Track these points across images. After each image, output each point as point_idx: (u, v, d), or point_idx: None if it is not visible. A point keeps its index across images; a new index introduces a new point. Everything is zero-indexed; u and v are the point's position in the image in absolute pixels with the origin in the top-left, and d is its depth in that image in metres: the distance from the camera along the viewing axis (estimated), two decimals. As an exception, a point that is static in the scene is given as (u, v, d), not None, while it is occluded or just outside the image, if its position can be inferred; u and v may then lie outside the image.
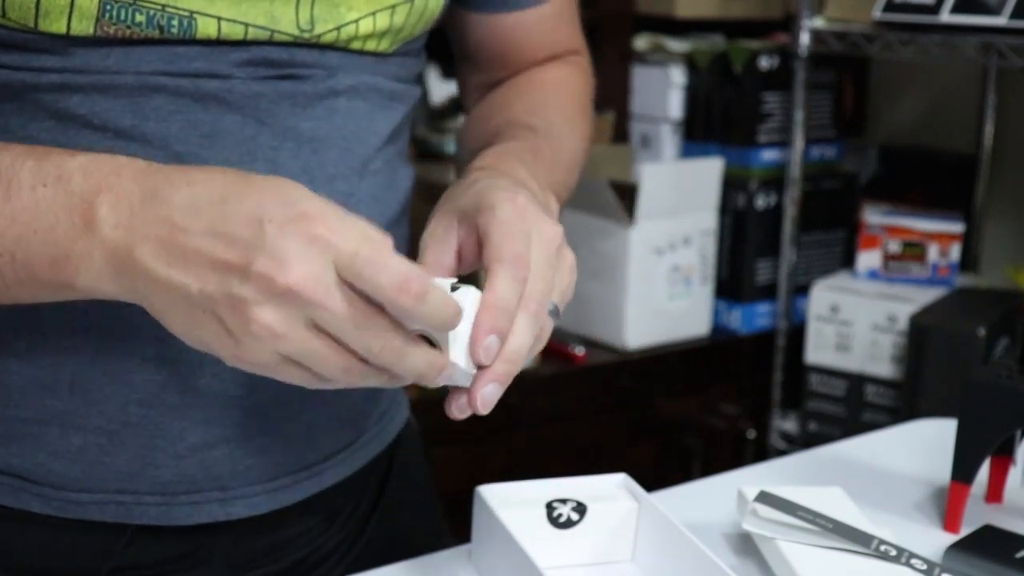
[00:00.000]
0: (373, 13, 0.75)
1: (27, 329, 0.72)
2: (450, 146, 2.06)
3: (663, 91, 2.18)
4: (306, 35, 0.73)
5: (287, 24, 0.72)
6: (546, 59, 0.95)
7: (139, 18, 0.68)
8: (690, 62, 2.16)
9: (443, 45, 0.95)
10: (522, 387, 1.86)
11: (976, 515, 0.86)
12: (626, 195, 1.96)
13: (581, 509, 0.77)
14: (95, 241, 0.61)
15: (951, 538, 0.82)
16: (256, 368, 0.61)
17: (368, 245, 0.58)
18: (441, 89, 2.15)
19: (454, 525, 0.93)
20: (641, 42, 2.23)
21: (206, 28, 0.70)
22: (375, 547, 0.88)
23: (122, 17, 0.68)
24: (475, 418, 0.67)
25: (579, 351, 1.94)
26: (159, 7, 0.68)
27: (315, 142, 0.75)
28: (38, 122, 0.70)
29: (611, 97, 2.19)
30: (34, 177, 0.62)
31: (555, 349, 1.93)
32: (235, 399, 0.75)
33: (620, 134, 2.21)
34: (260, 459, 0.78)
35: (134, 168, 0.62)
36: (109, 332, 0.72)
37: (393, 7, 0.76)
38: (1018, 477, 0.89)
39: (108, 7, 0.67)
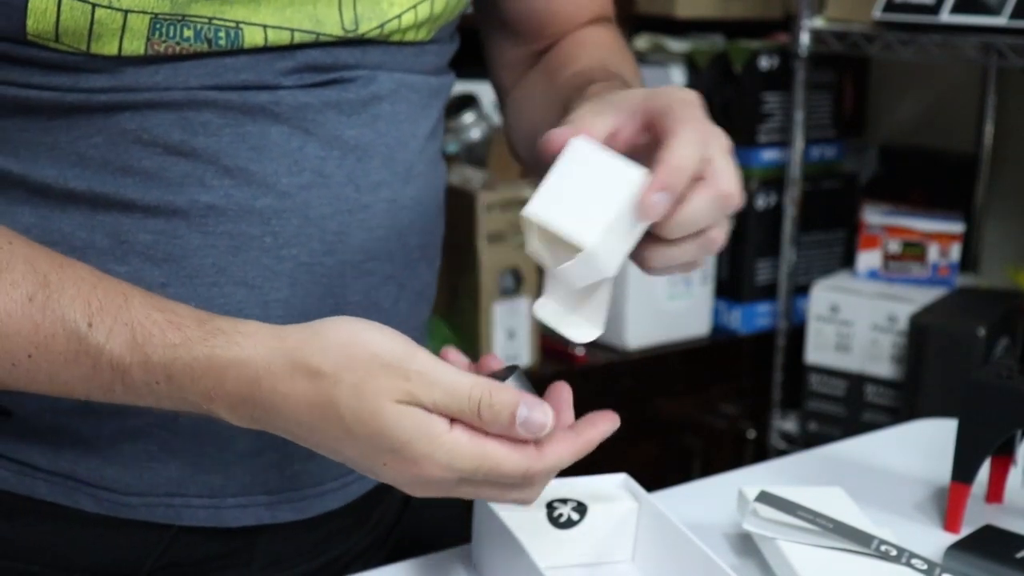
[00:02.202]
0: (414, 6, 0.76)
1: None
2: (451, 146, 2.06)
3: (663, 91, 2.18)
4: (350, 35, 0.74)
5: (332, 26, 0.73)
6: (580, 25, 0.94)
7: (187, 33, 0.68)
8: (690, 62, 2.16)
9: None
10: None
11: (976, 515, 0.86)
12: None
13: (581, 509, 0.77)
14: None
15: (951, 538, 0.82)
16: None
17: (483, 463, 0.62)
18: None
19: (454, 525, 0.93)
20: (641, 42, 2.23)
21: (253, 37, 0.70)
22: (402, 547, 0.89)
23: (171, 34, 0.68)
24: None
25: (579, 351, 1.94)
26: (206, 19, 0.69)
27: (359, 150, 0.75)
28: (87, 138, 0.70)
29: (611, 97, 2.19)
30: (146, 374, 0.64)
31: (555, 349, 1.93)
32: None
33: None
34: (307, 465, 0.79)
35: (235, 385, 0.64)
36: None
37: None
38: (1018, 477, 0.89)
39: (158, 25, 0.67)
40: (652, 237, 0.66)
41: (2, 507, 0.76)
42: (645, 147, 0.67)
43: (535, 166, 0.82)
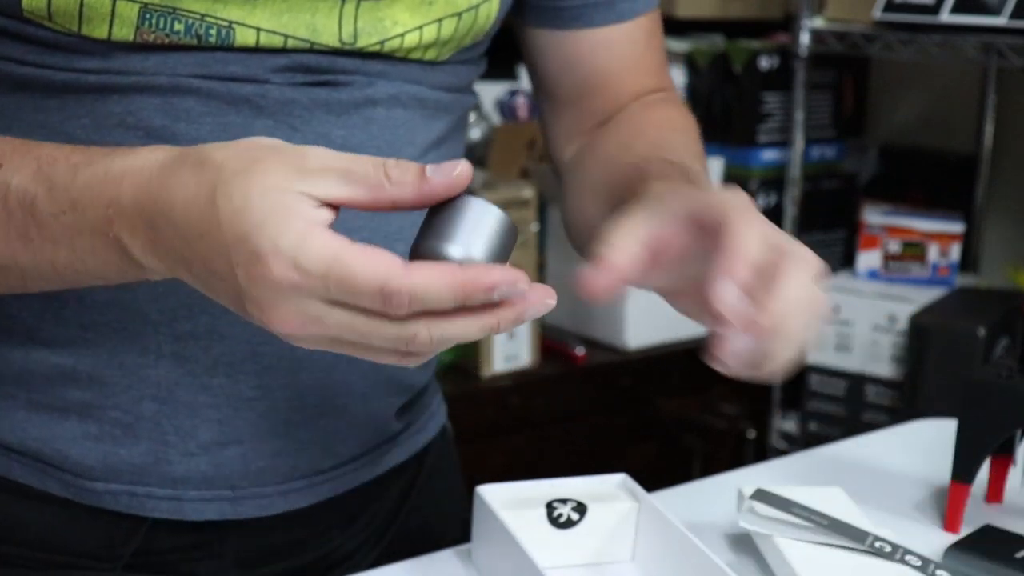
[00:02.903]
0: (420, 27, 0.74)
1: (50, 320, 0.74)
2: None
3: (663, 91, 2.18)
4: (347, 47, 0.73)
5: (329, 37, 0.72)
6: (638, 94, 0.88)
7: (177, 26, 0.69)
8: (690, 62, 2.16)
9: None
10: (522, 387, 1.86)
11: (976, 515, 0.86)
12: (626, 195, 1.96)
13: (581, 509, 0.77)
14: (138, 266, 0.62)
15: (951, 538, 0.82)
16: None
17: (334, 265, 0.54)
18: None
19: (454, 525, 0.93)
20: (641, 42, 2.23)
21: (244, 38, 0.70)
22: (397, 549, 0.88)
23: (161, 25, 0.68)
24: (475, 418, 0.66)
25: (579, 351, 1.94)
26: (198, 16, 0.69)
27: (346, 150, 0.74)
28: (76, 119, 0.71)
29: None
30: (51, 204, 0.62)
31: (555, 349, 1.93)
32: (249, 401, 0.75)
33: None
34: (273, 461, 0.78)
35: (131, 191, 0.61)
36: (127, 328, 0.73)
37: (440, 20, 0.75)
38: (1018, 477, 0.89)
39: (147, 16, 0.68)
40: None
41: None
42: (701, 254, 0.62)
43: (587, 258, 0.79)
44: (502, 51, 0.90)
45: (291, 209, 0.55)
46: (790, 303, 0.59)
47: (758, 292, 0.59)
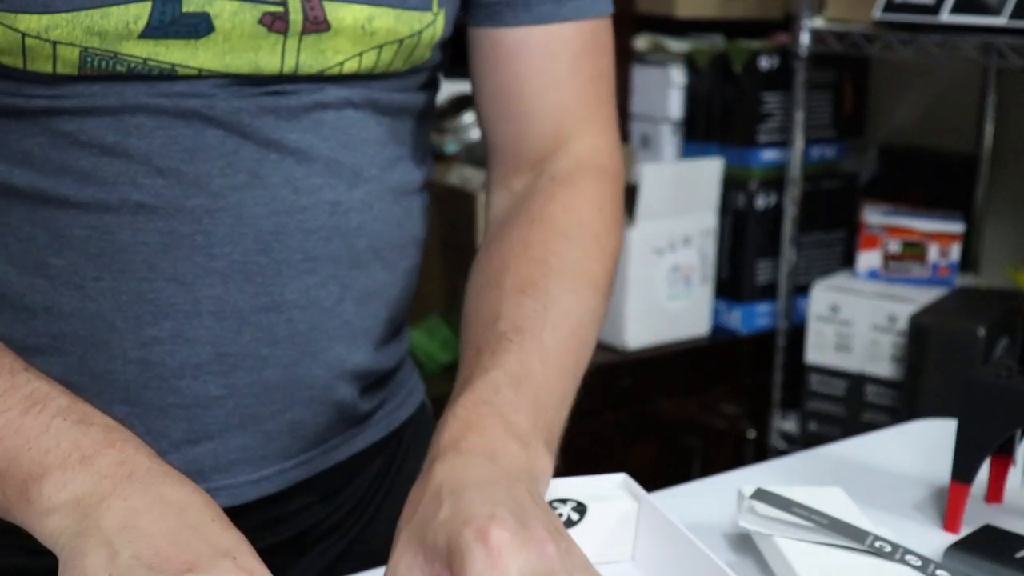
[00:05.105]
0: (359, 54, 0.76)
1: (20, 329, 0.75)
2: (451, 146, 2.06)
3: (663, 91, 2.18)
4: (288, 74, 0.74)
5: (270, 69, 0.74)
6: (559, 136, 0.86)
7: (119, 68, 0.70)
8: (690, 62, 2.16)
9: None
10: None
11: (976, 515, 0.86)
12: (626, 195, 1.95)
13: (581, 509, 0.77)
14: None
15: (951, 538, 0.82)
16: None
17: None
18: (443, 89, 2.15)
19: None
20: (641, 42, 2.23)
21: (187, 75, 0.72)
22: (381, 523, 0.90)
23: (103, 67, 0.70)
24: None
25: (579, 351, 1.94)
26: (140, 60, 0.70)
27: (299, 153, 0.76)
28: (32, 138, 0.72)
29: (611, 97, 2.19)
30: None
31: (555, 349, 1.93)
32: (216, 399, 0.77)
33: (620, 134, 2.20)
34: (243, 454, 0.80)
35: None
36: (93, 336, 0.75)
37: (380, 47, 0.76)
38: (1018, 477, 0.89)
39: (88, 57, 0.69)
40: None
41: None
42: None
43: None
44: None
45: None
46: None
47: None
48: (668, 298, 2.04)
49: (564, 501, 0.77)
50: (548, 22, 0.83)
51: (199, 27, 0.70)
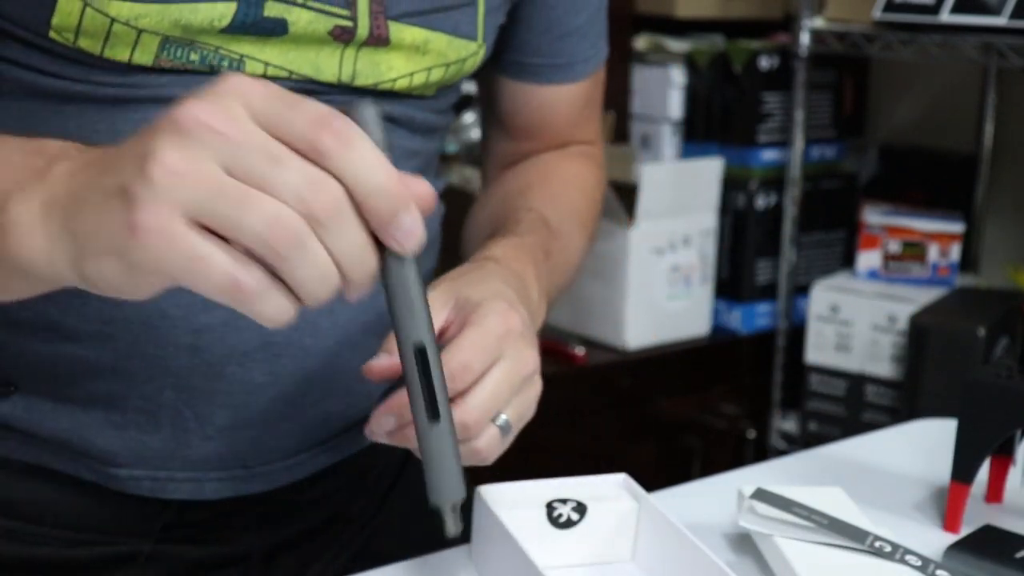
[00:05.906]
0: (411, 73, 0.80)
1: (73, 315, 0.77)
2: (451, 146, 2.06)
3: (663, 91, 2.18)
4: (344, 84, 0.78)
5: (329, 75, 0.77)
6: (568, 141, 0.99)
7: (193, 56, 0.73)
8: (690, 62, 2.16)
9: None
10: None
11: (976, 515, 0.86)
12: (626, 195, 1.96)
13: (581, 509, 0.77)
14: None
15: (951, 538, 0.82)
16: (161, 268, 0.53)
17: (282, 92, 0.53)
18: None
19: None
20: (641, 42, 2.23)
21: (253, 69, 0.75)
22: (397, 513, 0.94)
23: (179, 55, 0.73)
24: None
25: (579, 351, 1.94)
26: (213, 48, 0.73)
27: None
28: (92, 126, 0.74)
29: (611, 97, 2.19)
30: None
31: (555, 349, 1.93)
32: (260, 387, 0.80)
33: (620, 134, 2.21)
34: (281, 441, 0.83)
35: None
36: (147, 321, 0.77)
37: (430, 68, 0.81)
38: (1018, 477, 0.89)
39: (168, 45, 0.72)
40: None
41: (10, 471, 0.80)
42: None
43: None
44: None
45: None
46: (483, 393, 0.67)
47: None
48: (668, 298, 2.04)
49: (564, 501, 0.77)
50: (582, 80, 0.96)
51: (275, 29, 0.74)
